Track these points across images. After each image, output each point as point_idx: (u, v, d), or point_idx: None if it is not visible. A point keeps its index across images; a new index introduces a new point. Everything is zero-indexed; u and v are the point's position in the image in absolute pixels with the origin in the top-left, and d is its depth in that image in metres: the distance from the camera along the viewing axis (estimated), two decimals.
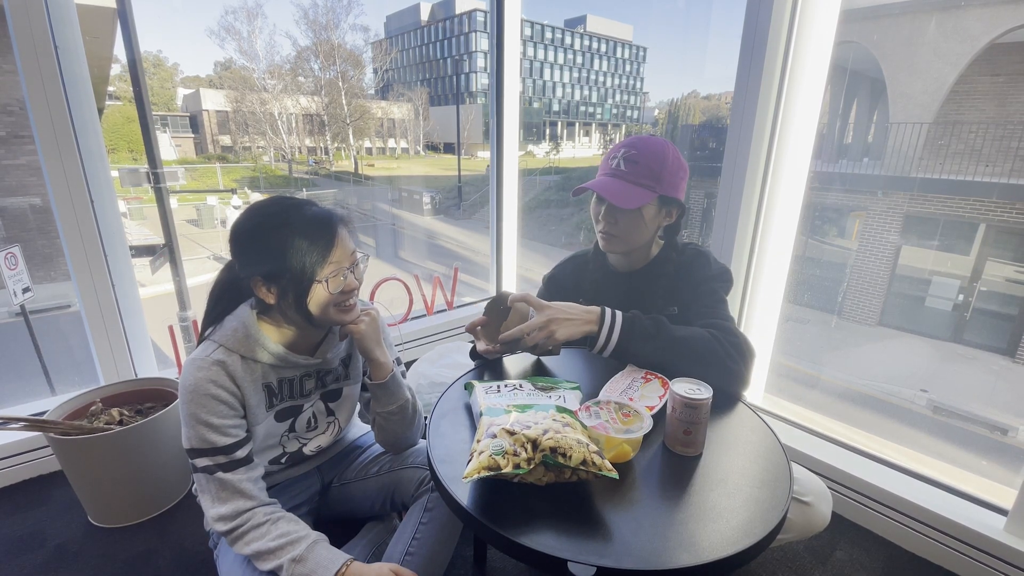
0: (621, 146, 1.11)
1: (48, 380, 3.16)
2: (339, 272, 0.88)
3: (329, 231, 0.87)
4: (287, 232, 0.84)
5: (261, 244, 0.86)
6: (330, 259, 0.86)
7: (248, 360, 0.90)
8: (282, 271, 0.85)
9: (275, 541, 0.83)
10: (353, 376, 1.09)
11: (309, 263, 0.85)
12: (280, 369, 0.95)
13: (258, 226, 0.87)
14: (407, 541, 0.95)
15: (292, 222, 0.85)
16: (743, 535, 0.66)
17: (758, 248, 1.69)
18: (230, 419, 0.87)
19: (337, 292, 0.88)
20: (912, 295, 6.64)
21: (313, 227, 0.86)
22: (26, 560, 1.35)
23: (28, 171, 5.45)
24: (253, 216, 0.88)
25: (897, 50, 6.37)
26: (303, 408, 1.01)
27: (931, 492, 1.45)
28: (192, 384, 0.85)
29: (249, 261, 0.88)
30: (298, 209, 0.87)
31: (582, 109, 41.99)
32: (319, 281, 0.86)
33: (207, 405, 0.85)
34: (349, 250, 0.90)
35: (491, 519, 0.68)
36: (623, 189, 1.07)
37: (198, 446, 0.85)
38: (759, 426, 0.93)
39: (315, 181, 24.63)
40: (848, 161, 7.57)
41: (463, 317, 2.66)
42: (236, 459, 0.87)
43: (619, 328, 1.00)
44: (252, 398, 0.91)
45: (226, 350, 0.89)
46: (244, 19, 27.97)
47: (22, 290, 2.30)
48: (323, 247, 0.86)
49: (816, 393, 5.33)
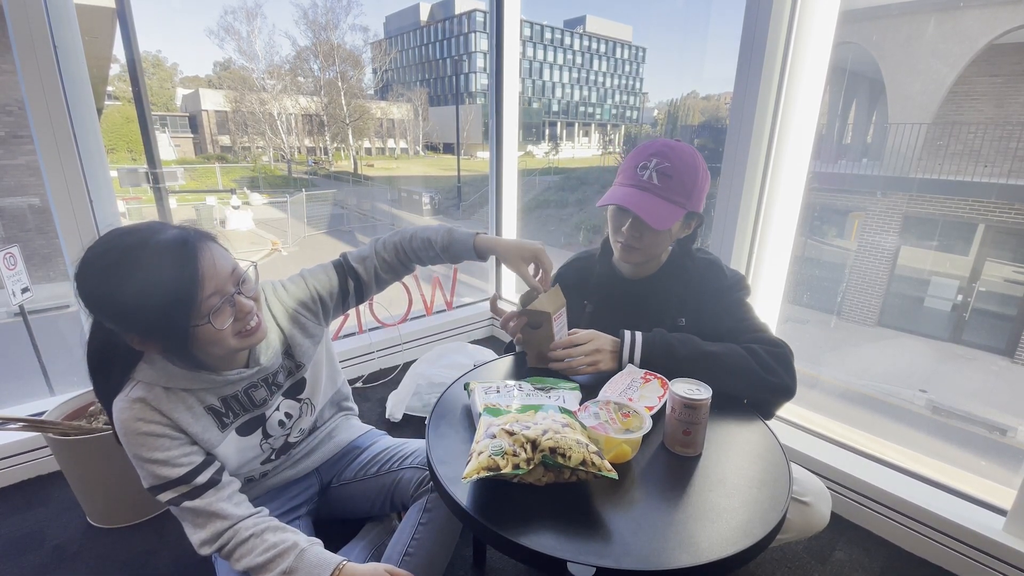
0: (651, 154, 1.02)
1: (47, 380, 3.15)
2: (224, 301, 0.77)
3: (189, 262, 0.73)
4: (135, 280, 0.70)
5: (113, 299, 0.71)
6: (203, 294, 0.73)
7: (173, 391, 0.83)
8: (151, 324, 0.73)
9: (264, 555, 0.81)
10: (304, 359, 1.00)
11: (178, 307, 0.72)
12: (216, 389, 0.88)
13: (100, 281, 0.72)
14: (406, 542, 0.95)
15: (137, 265, 0.71)
16: (742, 535, 0.66)
17: (757, 248, 1.69)
18: (175, 450, 0.82)
19: (228, 325, 0.78)
20: (911, 295, 6.65)
21: (167, 263, 0.72)
22: (25, 560, 1.35)
23: (27, 171, 5.44)
24: (89, 269, 0.73)
25: (896, 51, 6.38)
26: (266, 416, 0.96)
27: (930, 492, 1.45)
28: (122, 426, 0.80)
29: (110, 320, 0.75)
30: (142, 247, 0.72)
31: (581, 109, 42.03)
32: (199, 325, 0.75)
33: (144, 443, 0.80)
34: (226, 272, 0.78)
35: (490, 519, 0.68)
36: (656, 207, 1.00)
37: (154, 483, 0.81)
38: (758, 426, 0.93)
39: (314, 181, 24.64)
40: (847, 161, 7.58)
41: (462, 317, 2.66)
42: (198, 485, 0.83)
43: (639, 353, 1.01)
44: (193, 426, 0.84)
45: (145, 385, 0.81)
46: (243, 19, 28.00)
47: (21, 290, 2.30)
48: (188, 284, 0.72)
49: (815, 393, 5.33)
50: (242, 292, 0.80)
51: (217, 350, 0.80)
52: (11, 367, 4.11)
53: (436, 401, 0.97)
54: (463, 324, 2.67)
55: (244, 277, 0.81)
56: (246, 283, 0.82)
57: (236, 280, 0.80)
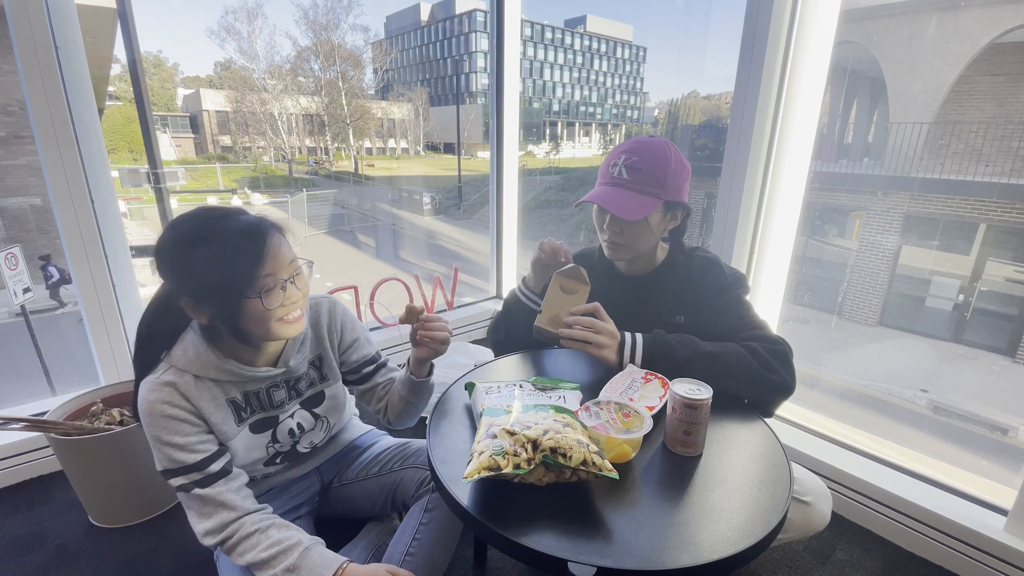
0: (621, 152, 1.07)
1: (48, 380, 3.15)
2: (276, 284, 0.83)
3: (258, 241, 0.81)
4: (209, 247, 0.79)
5: (184, 261, 0.80)
6: (262, 272, 0.81)
7: (202, 379, 0.87)
8: (208, 290, 0.80)
9: (267, 551, 0.81)
10: (331, 376, 1.05)
11: (238, 278, 0.79)
12: (241, 384, 0.92)
13: (178, 242, 0.81)
14: (407, 542, 0.95)
15: (214, 235, 0.80)
16: (743, 535, 0.66)
17: (758, 248, 1.69)
18: (194, 436, 0.85)
19: (276, 307, 0.84)
20: (912, 295, 6.64)
21: (239, 239, 0.80)
22: (27, 560, 1.35)
23: (28, 171, 5.44)
24: (173, 231, 0.81)
25: (897, 50, 6.37)
26: (279, 419, 0.98)
27: (931, 492, 1.45)
28: (147, 407, 0.83)
29: (173, 281, 0.83)
30: (222, 220, 0.81)
31: (582, 109, 41.99)
32: (250, 297, 0.81)
33: (167, 426, 0.83)
34: (286, 260, 0.85)
35: (491, 519, 0.68)
36: (627, 199, 1.03)
37: (169, 467, 0.84)
38: (759, 426, 0.93)
39: (315, 181, 24.63)
40: (848, 161, 7.57)
41: (464, 317, 2.67)
42: (211, 473, 0.85)
43: (640, 355, 1.01)
44: (214, 416, 0.88)
45: (177, 370, 0.86)
46: (244, 19, 27.96)
47: (22, 290, 2.30)
48: (253, 260, 0.80)
49: (816, 393, 5.33)
50: (294, 282, 0.86)
51: (258, 329, 0.84)
52: (13, 367, 4.13)
53: (437, 401, 0.98)
54: (464, 324, 2.67)
55: (300, 271, 0.88)
56: (300, 276, 0.88)
57: (292, 271, 0.86)
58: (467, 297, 2.84)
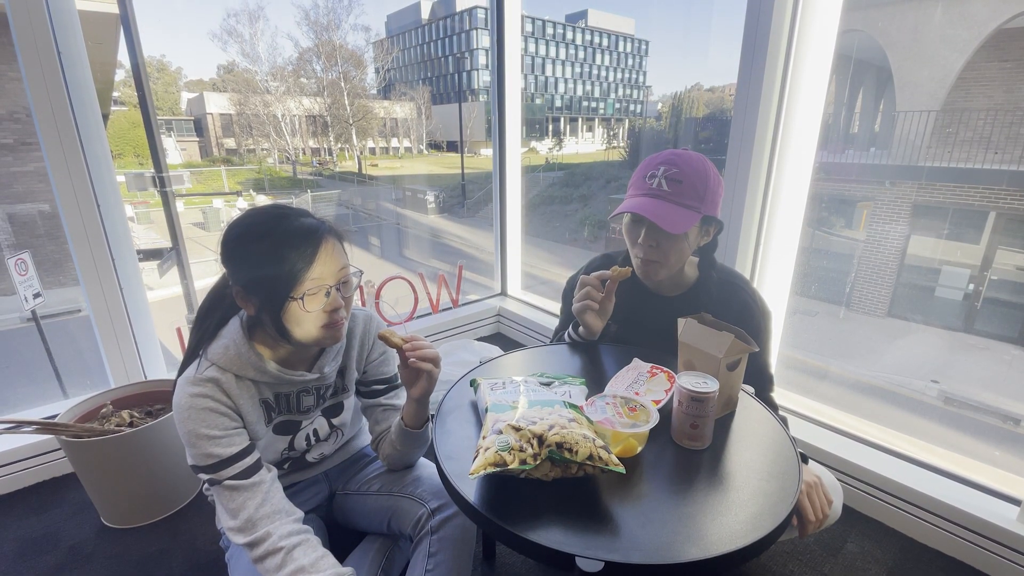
0: (658, 163, 1.02)
1: (60, 384, 3.19)
2: (320, 290, 0.83)
3: (311, 244, 0.82)
4: (267, 242, 0.81)
5: (241, 252, 0.83)
6: (308, 275, 0.81)
7: (242, 379, 0.88)
8: (258, 283, 0.82)
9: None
10: (351, 387, 1.07)
11: (284, 278, 0.80)
12: (275, 385, 0.93)
13: (242, 233, 0.84)
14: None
15: (274, 232, 0.81)
16: (752, 528, 0.66)
17: (764, 240, 1.68)
18: (231, 430, 0.86)
19: (317, 311, 0.84)
20: (921, 285, 6.57)
21: (295, 239, 0.81)
22: (40, 561, 1.37)
23: (36, 177, 5.49)
24: (239, 223, 0.85)
25: (903, 38, 6.29)
26: (301, 425, 0.99)
27: (943, 483, 1.44)
28: (187, 402, 0.83)
29: (231, 269, 0.85)
30: (282, 220, 0.83)
31: (585, 104, 41.82)
32: (295, 299, 0.81)
33: (206, 419, 0.83)
34: (337, 266, 0.85)
35: (498, 515, 0.68)
36: (669, 211, 0.98)
37: (203, 463, 0.83)
38: (767, 418, 0.92)
39: (319, 182, 24.74)
40: (855, 151, 7.50)
41: (468, 315, 2.67)
42: (247, 466, 0.86)
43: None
44: (250, 414, 0.89)
45: (219, 368, 0.86)
46: (246, 21, 28.10)
47: (33, 295, 2.33)
48: (302, 262, 0.81)
49: (825, 385, 5.29)
50: (340, 290, 0.86)
51: (299, 331, 0.85)
52: (25, 371, 4.17)
53: (442, 398, 0.98)
54: (469, 321, 2.68)
55: (347, 279, 0.88)
56: (347, 284, 0.88)
57: (340, 278, 0.86)
58: (472, 295, 2.85)
